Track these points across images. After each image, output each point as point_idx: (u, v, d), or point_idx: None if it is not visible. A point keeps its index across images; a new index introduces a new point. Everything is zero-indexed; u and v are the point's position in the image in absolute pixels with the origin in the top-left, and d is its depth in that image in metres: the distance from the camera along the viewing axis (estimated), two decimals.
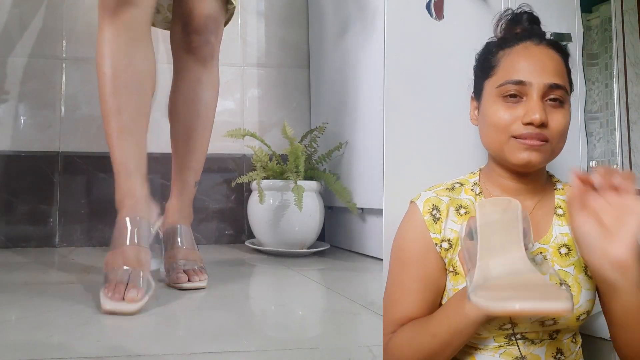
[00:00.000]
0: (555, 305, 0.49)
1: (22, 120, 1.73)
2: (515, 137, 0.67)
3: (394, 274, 0.73)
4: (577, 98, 1.13)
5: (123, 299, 0.83)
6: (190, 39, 1.12)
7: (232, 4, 1.16)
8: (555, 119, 0.67)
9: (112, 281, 0.87)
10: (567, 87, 0.70)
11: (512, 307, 0.49)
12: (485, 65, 0.74)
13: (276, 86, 1.94)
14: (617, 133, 1.36)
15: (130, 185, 0.98)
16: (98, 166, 1.74)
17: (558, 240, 0.71)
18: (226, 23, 1.20)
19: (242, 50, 1.91)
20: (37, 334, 0.72)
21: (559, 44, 0.72)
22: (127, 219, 0.95)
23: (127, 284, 0.86)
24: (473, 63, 0.78)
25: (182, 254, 1.10)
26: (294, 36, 1.96)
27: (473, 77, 0.77)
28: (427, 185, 0.77)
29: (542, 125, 0.66)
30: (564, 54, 0.72)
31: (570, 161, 1.09)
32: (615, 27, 1.38)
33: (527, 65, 0.68)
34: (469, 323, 0.62)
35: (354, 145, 1.59)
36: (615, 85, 1.38)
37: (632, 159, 1.37)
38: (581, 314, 0.69)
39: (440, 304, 0.74)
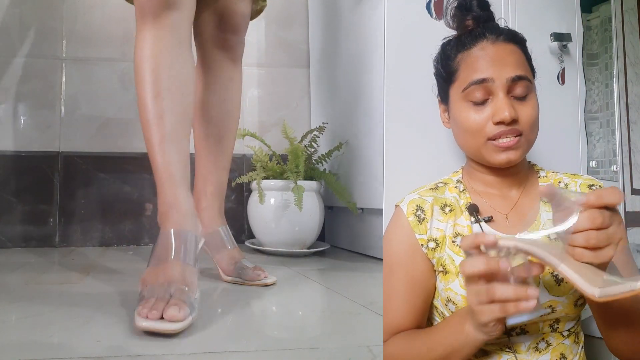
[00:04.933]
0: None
1: (22, 120, 1.73)
2: (490, 139, 0.68)
3: (385, 280, 0.73)
4: (577, 98, 1.13)
5: (162, 317, 0.71)
6: (225, 37, 1.11)
7: (264, 0, 1.16)
8: (525, 113, 0.68)
9: (149, 298, 0.74)
10: (529, 77, 0.70)
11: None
12: (446, 70, 0.74)
13: (276, 86, 1.94)
14: (617, 133, 1.36)
15: (177, 195, 0.88)
16: (98, 166, 1.74)
17: (547, 226, 0.70)
18: (252, 18, 1.19)
19: None
20: (37, 334, 0.72)
21: (514, 35, 0.72)
22: (172, 232, 0.84)
23: (168, 301, 0.73)
24: None
25: (239, 254, 1.14)
26: (294, 36, 1.96)
27: (435, 81, 0.78)
28: None
29: (513, 121, 0.67)
30: (521, 43, 0.72)
31: (570, 161, 1.09)
32: (615, 27, 1.38)
33: (486, 63, 0.68)
34: (468, 343, 0.60)
35: (354, 145, 1.59)
36: (615, 85, 1.37)
37: (632, 159, 1.37)
38: (578, 299, 0.68)
39: (433, 306, 0.74)
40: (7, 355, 0.62)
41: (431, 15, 0.93)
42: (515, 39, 0.71)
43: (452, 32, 0.76)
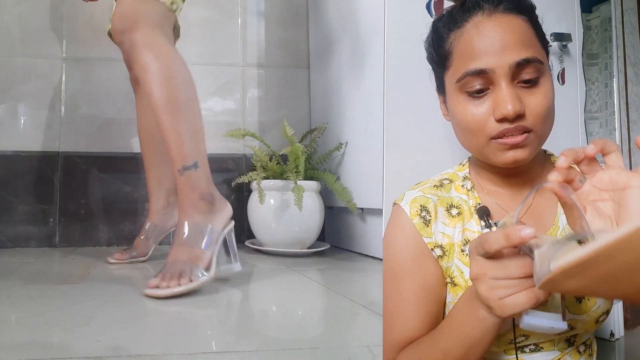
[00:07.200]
0: None
1: (22, 120, 1.73)
2: (494, 138, 0.57)
3: (389, 289, 0.64)
4: (577, 98, 1.13)
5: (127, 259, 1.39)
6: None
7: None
8: (534, 103, 0.56)
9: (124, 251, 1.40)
10: (540, 57, 0.56)
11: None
12: (438, 54, 0.61)
13: (276, 86, 1.94)
14: (617, 133, 1.36)
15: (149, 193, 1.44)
16: (98, 166, 1.74)
17: (566, 231, 0.61)
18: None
19: (242, 50, 1.91)
20: (37, 334, 0.72)
21: (518, 2, 0.58)
22: (147, 224, 1.42)
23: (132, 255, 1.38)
24: None
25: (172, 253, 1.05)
26: (294, 36, 1.96)
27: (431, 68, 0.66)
28: None
29: (519, 116, 0.55)
30: (528, 11, 0.58)
31: None
32: (615, 27, 1.38)
33: (483, 46, 0.55)
34: (486, 329, 0.51)
35: (354, 145, 1.59)
36: (615, 85, 1.37)
37: (632, 159, 1.37)
38: (600, 315, 0.61)
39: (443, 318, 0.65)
40: (7, 355, 0.62)
41: (431, 16, 0.93)
42: (520, 8, 0.57)
43: None
